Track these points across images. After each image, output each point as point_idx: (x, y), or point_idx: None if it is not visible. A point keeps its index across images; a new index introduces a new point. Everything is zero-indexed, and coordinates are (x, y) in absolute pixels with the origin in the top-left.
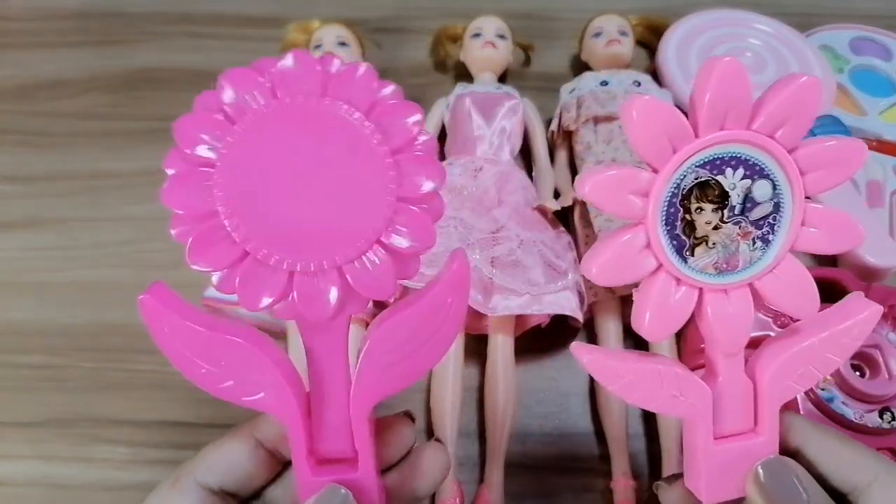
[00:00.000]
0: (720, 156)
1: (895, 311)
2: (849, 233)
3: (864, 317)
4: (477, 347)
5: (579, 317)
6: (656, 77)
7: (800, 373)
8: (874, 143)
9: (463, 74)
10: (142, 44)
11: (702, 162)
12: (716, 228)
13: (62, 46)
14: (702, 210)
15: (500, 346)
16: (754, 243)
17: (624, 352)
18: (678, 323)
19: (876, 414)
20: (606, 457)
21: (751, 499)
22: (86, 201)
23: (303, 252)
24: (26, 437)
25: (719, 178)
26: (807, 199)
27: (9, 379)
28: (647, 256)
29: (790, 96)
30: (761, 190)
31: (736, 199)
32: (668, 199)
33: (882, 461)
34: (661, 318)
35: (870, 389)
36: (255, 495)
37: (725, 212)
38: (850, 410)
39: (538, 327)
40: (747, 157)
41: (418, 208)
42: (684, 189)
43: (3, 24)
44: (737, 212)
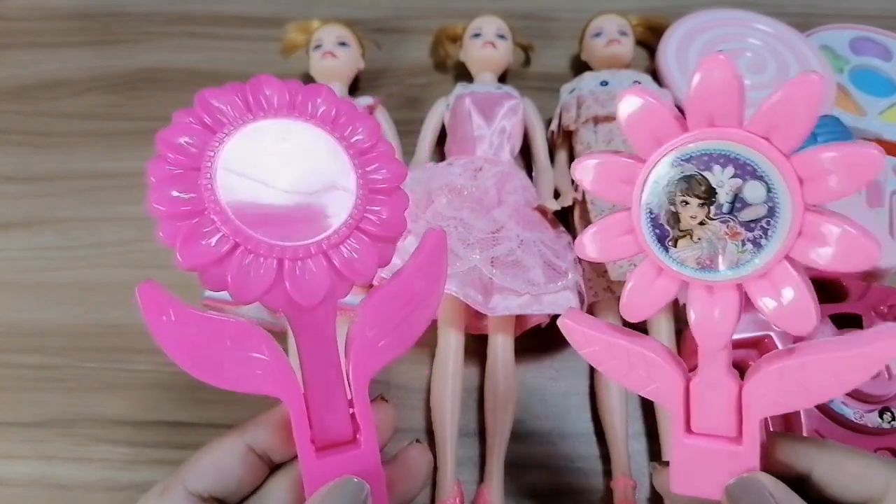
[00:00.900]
0: (707, 151)
1: (895, 311)
2: (859, 252)
3: (874, 350)
4: (477, 347)
5: None
6: (656, 77)
7: (787, 390)
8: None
9: (463, 74)
10: (142, 44)
11: (688, 156)
12: (702, 224)
13: (62, 46)
14: (687, 203)
15: (500, 346)
16: (743, 245)
17: (609, 326)
18: (654, 308)
19: (876, 414)
20: (606, 457)
21: None
22: (86, 201)
23: (290, 240)
24: (26, 437)
25: (706, 174)
26: (814, 208)
27: (9, 379)
28: (629, 240)
29: (787, 96)
30: (753, 191)
31: (724, 197)
32: (653, 189)
33: (893, 468)
34: (638, 300)
35: (870, 389)
36: (243, 500)
37: (712, 208)
38: (850, 410)
39: (538, 327)
40: (737, 156)
41: (388, 198)
42: (670, 181)
43: (3, 24)
44: (724, 210)
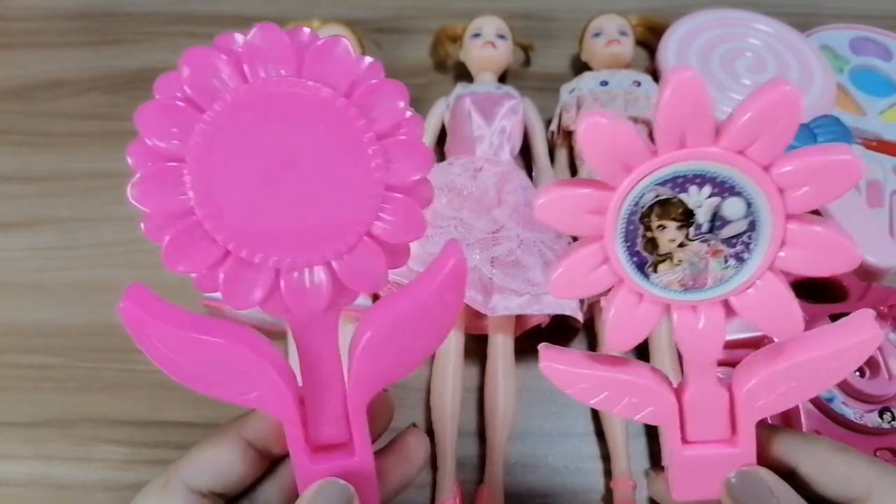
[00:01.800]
0: (681, 174)
1: (895, 311)
2: (839, 255)
3: (859, 341)
4: (477, 347)
5: (579, 317)
6: (656, 77)
7: (780, 392)
8: (874, 143)
9: (463, 74)
10: (142, 44)
11: (661, 180)
12: (681, 246)
13: (62, 46)
14: (664, 227)
15: (500, 346)
16: (726, 261)
17: (589, 358)
18: (640, 336)
19: (876, 414)
20: (606, 457)
21: None
22: (86, 201)
23: (289, 249)
24: (26, 437)
25: (682, 196)
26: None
27: (9, 379)
28: (605, 272)
29: (762, 109)
30: (733, 208)
31: (703, 217)
32: (627, 216)
33: (879, 469)
34: (622, 331)
35: (870, 389)
36: (243, 494)
37: (691, 230)
38: (850, 410)
39: (538, 327)
40: (714, 175)
41: (407, 196)
42: (643, 207)
43: (3, 24)
44: (704, 230)
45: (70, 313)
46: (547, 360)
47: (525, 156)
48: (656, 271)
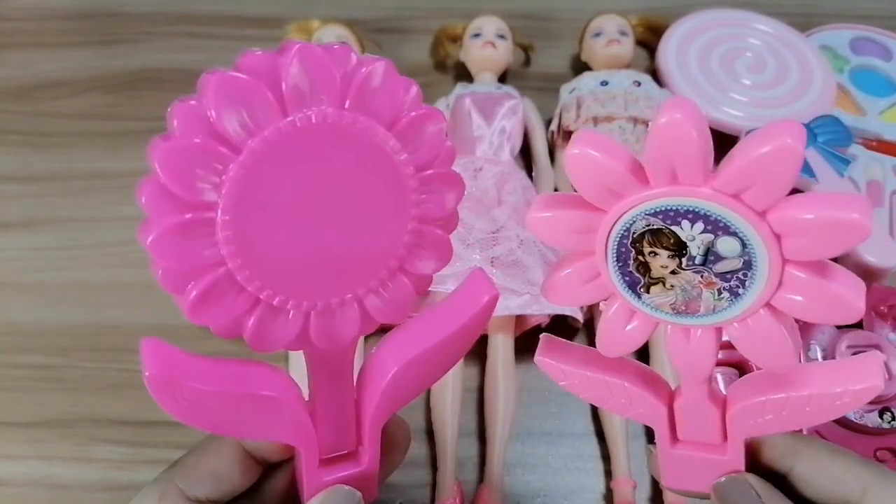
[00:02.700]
0: (674, 207)
1: (895, 311)
2: (840, 311)
3: (860, 388)
4: (477, 347)
5: (579, 317)
6: (656, 77)
7: (768, 418)
8: (874, 143)
9: (463, 74)
10: (142, 44)
11: (652, 211)
12: (674, 272)
13: (62, 46)
14: (656, 255)
15: (500, 346)
16: (720, 293)
17: (585, 355)
18: (631, 347)
19: (876, 414)
20: (606, 457)
21: None
22: (86, 201)
23: (321, 290)
24: (26, 437)
25: (674, 228)
26: (796, 261)
27: (9, 379)
28: (598, 285)
29: (760, 159)
30: (727, 246)
31: (696, 250)
32: (618, 239)
33: (873, 471)
34: (613, 343)
35: None
36: (238, 498)
37: (684, 260)
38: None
39: (538, 327)
40: (707, 213)
41: (440, 228)
42: (635, 233)
43: (3, 24)
44: (697, 262)
45: (70, 313)
46: (543, 354)
47: (525, 156)
48: (648, 292)
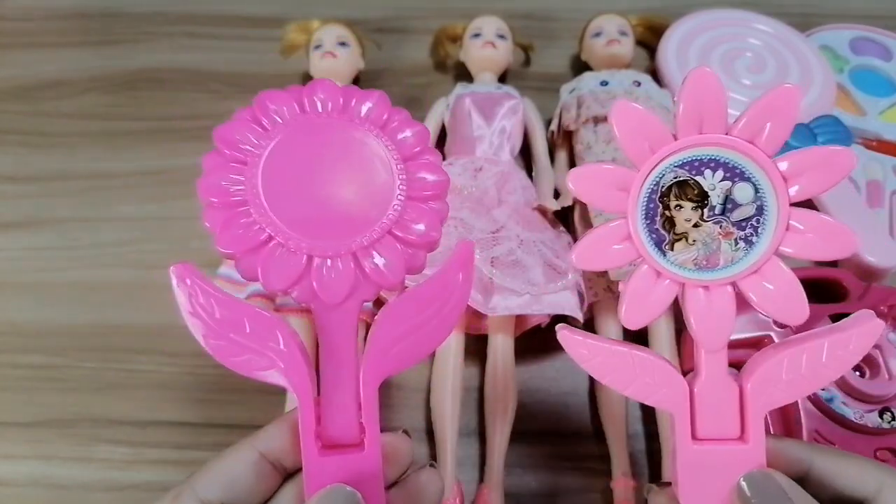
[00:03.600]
0: (698, 157)
1: (895, 311)
2: (839, 240)
3: (862, 330)
4: (477, 347)
5: (579, 317)
6: (656, 77)
7: (787, 380)
8: (874, 143)
9: (463, 74)
10: (142, 44)
11: (680, 162)
12: (696, 226)
13: (62, 46)
14: (681, 207)
15: (500, 346)
16: (736, 243)
17: (606, 339)
18: (654, 313)
19: (876, 414)
20: (606, 457)
21: None
22: (86, 201)
23: (321, 239)
24: (26, 437)
25: (698, 178)
26: (798, 205)
27: (9, 379)
28: (627, 247)
29: (767, 102)
30: (742, 192)
31: (716, 199)
32: (648, 195)
33: (886, 470)
34: (637, 307)
35: (870, 389)
36: None
37: (705, 211)
38: (850, 410)
39: (538, 327)
40: (726, 160)
41: (426, 206)
42: (664, 187)
43: (3, 24)
44: (717, 211)
45: (70, 313)
46: (567, 332)
47: (525, 156)
48: (673, 249)
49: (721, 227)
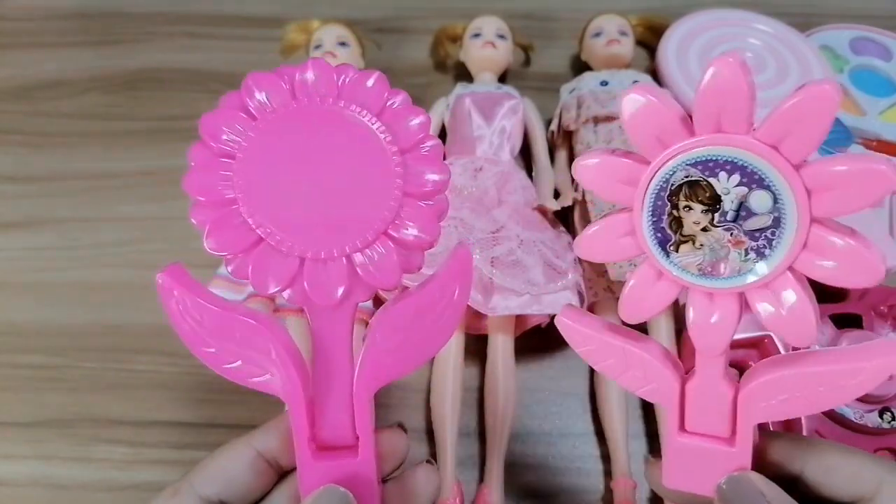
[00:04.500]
0: (714, 157)
1: (895, 311)
2: (863, 268)
3: (875, 365)
4: (477, 347)
5: None
6: (656, 77)
7: (784, 399)
8: (874, 143)
9: (463, 74)
10: (142, 44)
11: (693, 161)
12: (704, 230)
13: (62, 46)
14: (690, 209)
15: (500, 346)
16: (747, 254)
17: (605, 325)
18: (653, 311)
19: (876, 414)
20: (606, 457)
21: None
22: (86, 201)
23: (314, 240)
24: (26, 437)
25: (711, 180)
26: (820, 220)
27: (9, 379)
28: (629, 242)
29: (798, 104)
30: (759, 201)
31: (729, 204)
32: (656, 192)
33: (885, 467)
34: (636, 304)
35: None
36: None
37: (716, 215)
38: (850, 410)
39: (538, 327)
40: (745, 164)
41: (424, 204)
42: (673, 185)
43: (3, 24)
44: (729, 218)
45: (70, 313)
46: (565, 317)
47: (525, 156)
48: (678, 251)
49: (732, 234)
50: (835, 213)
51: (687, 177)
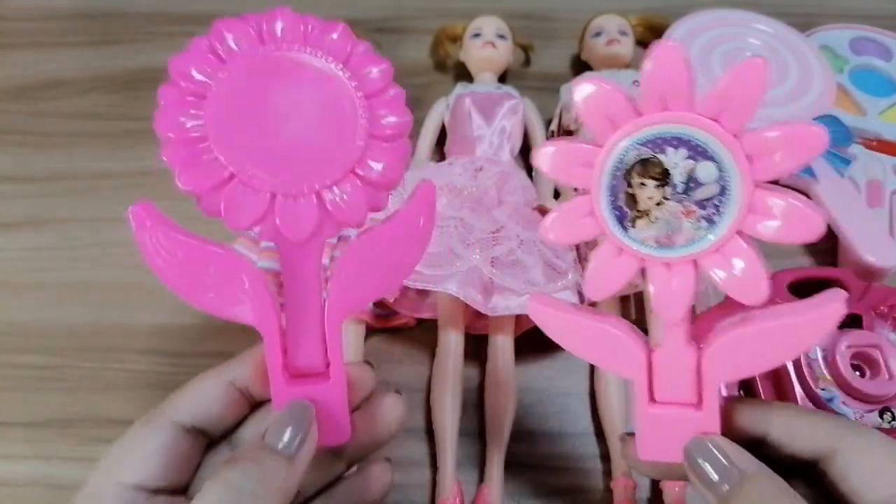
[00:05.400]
0: (661, 135)
1: (895, 312)
2: (805, 224)
3: (823, 314)
4: (477, 347)
5: None
6: None
7: (743, 357)
8: (874, 143)
9: (463, 74)
10: (142, 44)
11: (643, 140)
12: (659, 204)
13: (62, 46)
14: (644, 185)
15: (500, 347)
16: (698, 222)
17: (573, 306)
18: (615, 287)
19: (876, 414)
20: (606, 457)
21: (688, 475)
22: (86, 201)
23: (284, 177)
24: (26, 437)
25: (661, 156)
26: (769, 184)
27: (9, 379)
28: (590, 222)
29: (732, 78)
30: (705, 171)
31: (679, 177)
32: (612, 171)
33: (845, 425)
34: (599, 281)
35: (870, 389)
36: (224, 437)
37: (668, 189)
38: (850, 410)
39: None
40: (690, 138)
41: (388, 145)
42: (627, 164)
43: (3, 24)
44: (679, 190)
45: (70, 313)
46: (535, 301)
47: (525, 156)
48: (634, 226)
49: (683, 205)
50: (775, 174)
51: (639, 155)
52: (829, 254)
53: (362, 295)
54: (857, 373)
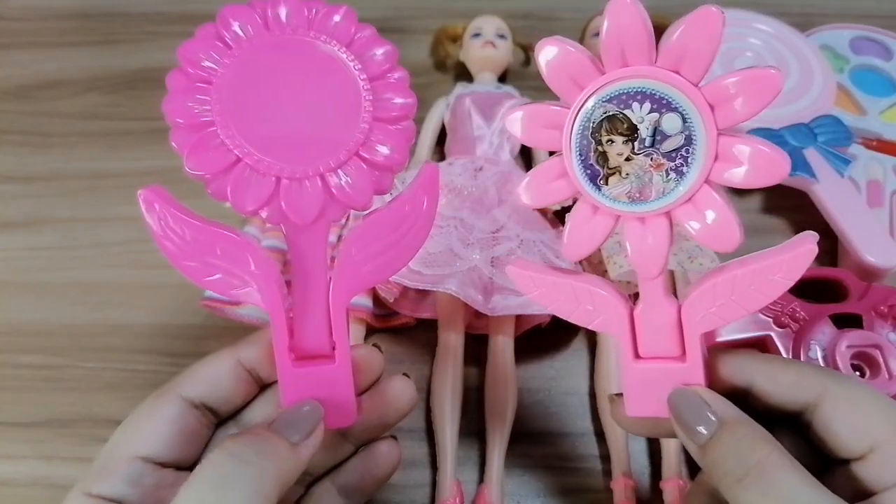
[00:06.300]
0: (625, 91)
1: (895, 311)
2: (771, 167)
3: (794, 255)
4: (477, 347)
5: None
6: None
7: (719, 304)
8: (874, 143)
9: (463, 74)
10: (142, 44)
11: (608, 97)
12: (628, 160)
13: (62, 46)
14: (612, 142)
15: (501, 347)
16: (668, 174)
17: (553, 268)
18: (593, 245)
19: None
20: (606, 457)
21: (674, 426)
22: (86, 201)
23: (289, 161)
24: (26, 437)
25: (626, 111)
26: (726, 132)
27: (9, 379)
28: (564, 183)
29: (687, 29)
30: (670, 123)
31: (645, 131)
32: (580, 131)
33: (828, 374)
34: (577, 240)
35: None
36: (232, 416)
37: (636, 144)
38: None
39: (538, 327)
40: (653, 92)
41: (393, 127)
42: (594, 123)
43: (3, 24)
44: (647, 144)
45: (70, 313)
46: (516, 266)
47: (525, 156)
48: (607, 183)
49: (652, 159)
50: (737, 120)
51: (605, 112)
52: (829, 254)
53: (367, 276)
54: (857, 373)
